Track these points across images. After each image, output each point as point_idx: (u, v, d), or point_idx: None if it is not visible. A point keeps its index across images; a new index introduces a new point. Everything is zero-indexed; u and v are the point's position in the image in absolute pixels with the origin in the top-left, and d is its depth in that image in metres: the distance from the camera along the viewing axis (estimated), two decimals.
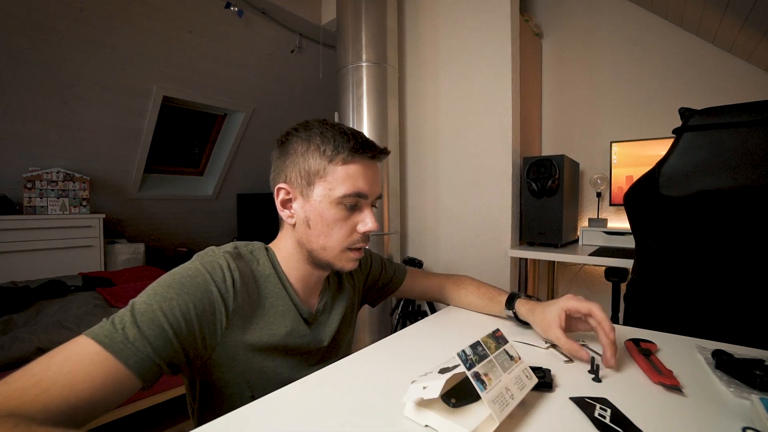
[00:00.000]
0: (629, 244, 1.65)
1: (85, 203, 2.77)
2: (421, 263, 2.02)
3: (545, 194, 1.70)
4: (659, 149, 1.70)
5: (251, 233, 3.93)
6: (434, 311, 1.55)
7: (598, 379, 0.52)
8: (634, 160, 1.80)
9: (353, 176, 0.58)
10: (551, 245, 1.74)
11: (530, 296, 0.75)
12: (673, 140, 0.86)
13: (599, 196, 1.99)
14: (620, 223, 1.96)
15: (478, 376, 0.40)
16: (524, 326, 0.73)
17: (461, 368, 0.40)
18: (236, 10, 2.54)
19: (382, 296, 0.88)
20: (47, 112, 2.50)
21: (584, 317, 0.61)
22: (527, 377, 0.46)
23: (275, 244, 0.66)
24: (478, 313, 0.84)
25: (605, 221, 1.91)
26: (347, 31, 1.94)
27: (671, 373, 0.52)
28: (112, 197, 3.12)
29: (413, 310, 1.97)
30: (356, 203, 0.60)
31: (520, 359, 0.47)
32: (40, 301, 1.78)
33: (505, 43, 1.76)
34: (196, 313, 0.51)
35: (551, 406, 0.46)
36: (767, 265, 0.77)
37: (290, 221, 0.62)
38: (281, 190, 0.62)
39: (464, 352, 0.42)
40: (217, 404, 0.58)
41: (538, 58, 2.25)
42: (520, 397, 0.43)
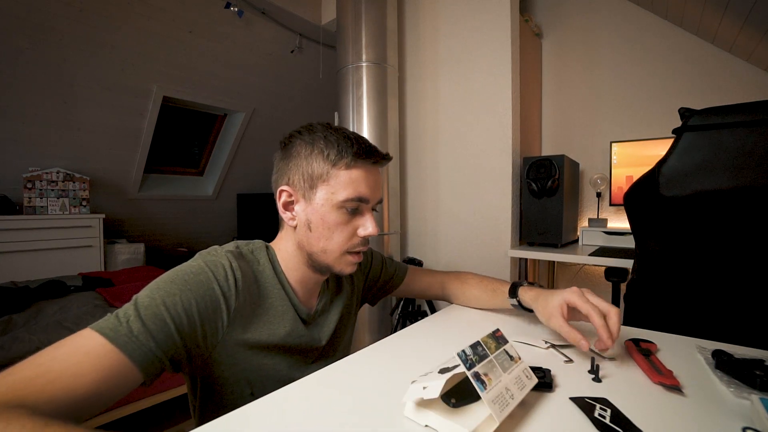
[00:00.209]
0: (629, 244, 1.65)
1: (85, 203, 2.77)
2: (421, 263, 2.02)
3: (545, 194, 1.69)
4: (659, 149, 1.70)
5: (251, 233, 3.93)
6: (434, 311, 1.55)
7: (598, 379, 0.52)
8: (634, 160, 1.80)
9: (356, 181, 0.59)
10: (551, 245, 1.74)
11: (532, 283, 0.74)
12: (673, 140, 0.86)
13: (599, 196, 1.99)
14: (620, 223, 1.96)
15: (478, 376, 0.40)
16: (528, 314, 0.73)
17: (461, 368, 0.40)
18: (236, 10, 2.54)
19: (382, 295, 0.88)
20: (47, 112, 2.50)
21: (584, 319, 0.61)
22: (527, 377, 0.46)
23: (275, 244, 0.67)
24: (479, 310, 0.84)
25: (605, 221, 1.91)
26: (347, 31, 1.94)
27: (671, 373, 0.52)
28: (112, 197, 3.12)
29: (413, 310, 1.97)
30: (358, 207, 0.60)
31: (520, 359, 0.47)
32: (40, 301, 1.78)
33: (505, 43, 1.76)
34: (198, 309, 0.51)
35: (551, 406, 0.46)
36: (767, 265, 0.77)
37: (291, 223, 0.63)
38: (284, 192, 0.62)
39: (464, 352, 0.42)
40: (217, 401, 0.58)
41: (538, 58, 2.25)
42: (520, 397, 0.43)
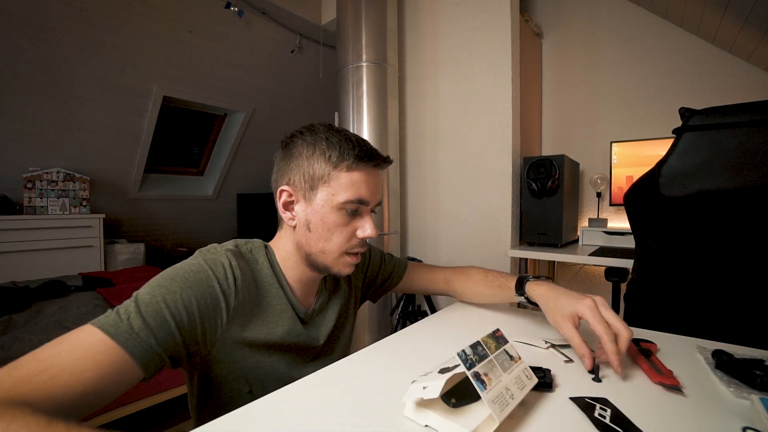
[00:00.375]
0: (629, 244, 1.65)
1: (85, 203, 2.77)
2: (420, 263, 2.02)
3: (545, 194, 1.69)
4: (659, 149, 1.70)
5: (251, 233, 3.92)
6: (434, 311, 1.55)
7: (598, 379, 0.53)
8: (634, 160, 1.80)
9: (356, 183, 0.59)
10: (551, 245, 1.74)
11: (538, 277, 0.72)
12: (673, 140, 0.86)
13: (599, 196, 1.99)
14: (620, 223, 1.96)
15: (478, 376, 0.40)
16: (529, 313, 0.72)
17: (461, 368, 0.40)
18: (236, 10, 2.54)
19: (382, 292, 0.88)
20: (47, 112, 2.50)
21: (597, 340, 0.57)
22: (527, 377, 0.46)
23: (274, 243, 0.67)
24: (480, 310, 0.84)
25: (605, 221, 1.91)
26: (347, 31, 1.94)
27: (671, 373, 0.52)
28: (112, 197, 3.12)
29: (413, 310, 1.97)
30: (357, 209, 0.61)
31: (520, 359, 0.47)
32: (40, 301, 1.78)
33: (505, 43, 1.76)
34: (198, 307, 0.52)
35: (551, 406, 0.46)
36: (767, 265, 0.77)
37: (291, 223, 0.63)
38: (284, 192, 0.62)
39: (464, 352, 0.42)
40: (215, 399, 0.59)
41: (538, 58, 2.25)
42: (520, 397, 0.43)
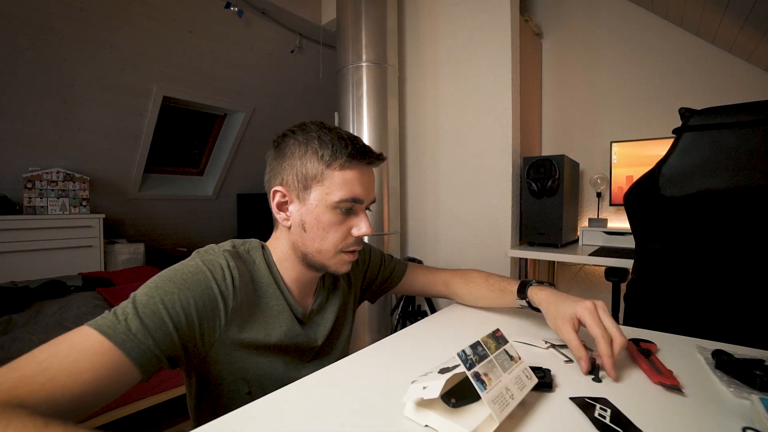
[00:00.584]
0: (629, 244, 1.65)
1: (85, 203, 2.77)
2: (420, 263, 2.01)
3: (545, 194, 1.69)
4: (659, 149, 1.70)
5: (251, 233, 3.89)
6: (434, 311, 1.55)
7: (598, 379, 0.52)
8: (634, 160, 1.80)
9: (350, 181, 0.59)
10: (551, 245, 1.74)
11: (541, 282, 0.71)
12: (673, 140, 0.86)
13: (599, 196, 1.99)
14: (620, 223, 1.96)
15: (478, 376, 0.40)
16: (529, 314, 0.72)
17: (461, 368, 0.40)
18: (236, 10, 2.54)
19: (381, 292, 0.87)
20: (47, 112, 2.50)
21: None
22: (527, 377, 0.46)
23: (271, 243, 0.67)
24: (479, 310, 0.84)
25: (605, 221, 1.91)
26: (347, 31, 1.94)
27: (671, 373, 0.52)
28: (112, 197, 3.12)
29: (413, 310, 1.97)
30: (352, 207, 0.60)
31: (520, 359, 0.47)
32: (40, 301, 1.78)
33: (505, 43, 1.76)
34: (196, 308, 0.51)
35: (551, 406, 0.46)
36: (767, 265, 0.77)
37: (286, 224, 0.62)
38: (277, 192, 0.62)
39: (464, 352, 0.42)
40: (214, 399, 0.58)
41: (538, 58, 2.25)
42: (520, 397, 0.43)
